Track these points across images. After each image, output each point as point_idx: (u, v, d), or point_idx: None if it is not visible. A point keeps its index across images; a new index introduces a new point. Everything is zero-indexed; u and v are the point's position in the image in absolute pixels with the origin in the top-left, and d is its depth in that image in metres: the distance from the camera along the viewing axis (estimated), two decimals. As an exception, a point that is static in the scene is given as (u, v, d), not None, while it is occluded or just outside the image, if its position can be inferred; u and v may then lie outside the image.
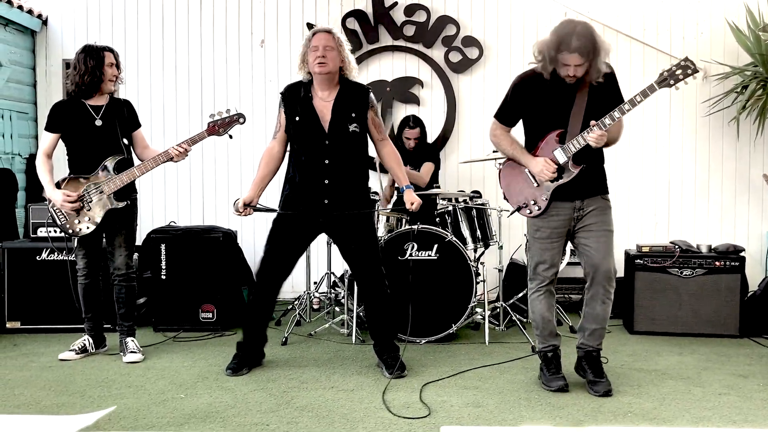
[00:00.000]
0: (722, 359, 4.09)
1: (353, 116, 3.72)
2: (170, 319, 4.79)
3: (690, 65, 3.22)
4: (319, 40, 3.66)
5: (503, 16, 5.93)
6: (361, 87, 3.82)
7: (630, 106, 3.21)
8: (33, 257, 4.78)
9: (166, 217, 5.89)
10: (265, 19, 6.01)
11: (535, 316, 3.53)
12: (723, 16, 5.67)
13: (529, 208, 3.44)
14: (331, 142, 3.70)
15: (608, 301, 3.42)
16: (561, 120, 3.35)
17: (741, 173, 5.81)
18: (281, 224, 3.80)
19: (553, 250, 3.44)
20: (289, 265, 3.83)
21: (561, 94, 3.33)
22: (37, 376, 3.79)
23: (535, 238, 3.48)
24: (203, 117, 5.96)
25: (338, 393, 3.46)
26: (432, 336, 4.38)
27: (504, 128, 3.51)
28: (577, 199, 3.38)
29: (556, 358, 3.53)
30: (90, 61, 3.98)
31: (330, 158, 3.70)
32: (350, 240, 3.80)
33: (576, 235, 3.44)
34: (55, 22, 6.05)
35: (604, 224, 3.40)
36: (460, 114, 5.94)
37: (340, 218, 3.74)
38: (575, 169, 3.33)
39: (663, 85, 3.23)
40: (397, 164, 3.89)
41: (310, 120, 3.71)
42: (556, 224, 3.41)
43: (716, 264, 4.60)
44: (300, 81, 3.80)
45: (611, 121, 3.24)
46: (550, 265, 3.46)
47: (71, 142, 4.06)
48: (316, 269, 5.50)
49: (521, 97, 3.43)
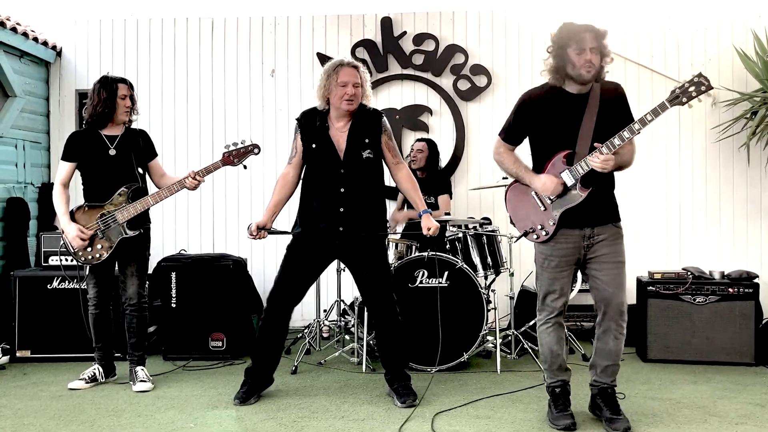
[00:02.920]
0: (738, 387, 4.03)
1: (366, 142, 3.72)
2: (180, 347, 4.78)
3: (703, 81, 3.06)
4: (348, 76, 3.63)
5: (511, 45, 5.97)
6: (374, 113, 3.81)
7: (640, 125, 3.05)
8: (44, 286, 4.80)
9: (176, 245, 5.91)
10: (275, 49, 6.09)
11: (544, 349, 3.38)
12: (730, 42, 5.70)
13: (536, 233, 3.31)
14: (346, 171, 3.70)
15: (621, 336, 3.27)
16: (569, 140, 3.22)
17: (752, 199, 5.79)
18: (296, 249, 3.79)
19: (562, 279, 3.29)
20: (301, 290, 3.82)
21: (569, 112, 3.21)
22: (47, 405, 3.77)
23: (543, 268, 3.33)
24: (214, 146, 6.02)
25: (349, 423, 3.42)
26: (443, 364, 4.35)
27: (508, 147, 3.40)
28: (586, 227, 3.24)
29: (564, 394, 3.37)
30: (103, 93, 4.03)
31: (345, 186, 3.70)
32: (363, 265, 3.79)
33: (587, 265, 3.30)
34: (69, 53, 6.14)
35: (616, 255, 3.25)
36: (469, 141, 5.96)
37: (354, 243, 3.73)
38: (584, 193, 3.19)
39: (675, 102, 3.07)
40: (413, 188, 3.85)
41: (325, 148, 3.71)
42: (565, 252, 3.27)
43: (730, 290, 4.56)
44: (315, 108, 3.81)
45: (620, 142, 3.08)
46: (559, 295, 3.31)
47: (86, 171, 4.11)
48: (326, 297, 5.48)
49: (527, 115, 3.30)
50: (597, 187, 3.23)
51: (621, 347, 3.30)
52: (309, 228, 3.76)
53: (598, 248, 3.25)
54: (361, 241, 3.73)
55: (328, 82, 3.67)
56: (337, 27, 6.05)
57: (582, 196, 3.21)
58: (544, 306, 3.36)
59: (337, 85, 3.64)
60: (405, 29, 5.97)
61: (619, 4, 5.87)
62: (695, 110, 5.76)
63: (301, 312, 5.85)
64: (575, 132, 3.21)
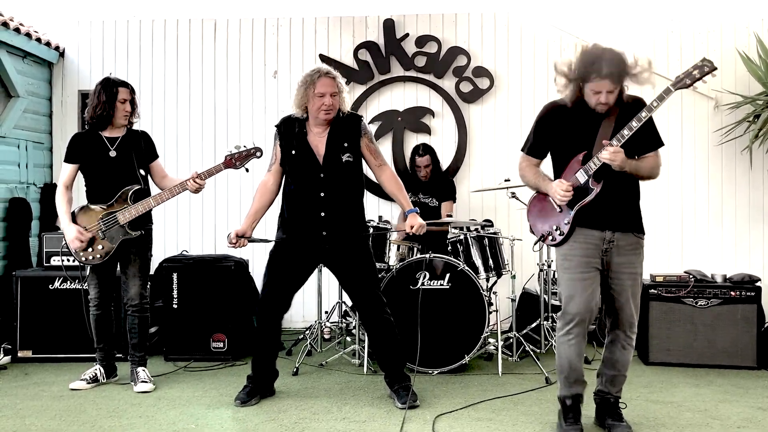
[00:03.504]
0: (740, 391, 4.02)
1: (345, 146, 3.73)
2: (181, 348, 4.78)
3: (707, 64, 3.00)
4: (326, 87, 3.63)
5: (514, 47, 5.97)
6: (352, 117, 3.82)
7: (646, 112, 3.01)
8: (46, 286, 4.80)
9: (178, 246, 5.92)
10: (278, 51, 6.09)
11: (561, 360, 3.19)
12: (733, 45, 5.70)
13: (552, 235, 3.22)
14: (326, 175, 3.71)
15: (629, 347, 3.22)
16: (587, 145, 3.16)
17: (755, 202, 5.78)
18: (279, 255, 3.79)
19: (584, 281, 3.10)
20: (288, 296, 3.81)
21: (587, 121, 3.15)
22: (48, 405, 3.77)
23: (564, 269, 3.18)
24: (216, 147, 6.02)
25: (350, 424, 3.42)
26: (444, 366, 4.34)
27: (531, 161, 3.33)
28: (607, 229, 3.13)
29: (575, 408, 3.23)
30: (103, 95, 4.03)
31: (325, 191, 3.71)
32: (349, 268, 3.78)
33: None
34: (71, 54, 6.15)
35: (633, 266, 3.16)
36: (471, 143, 5.96)
37: (338, 246, 3.73)
38: (596, 186, 3.09)
39: (679, 86, 3.02)
40: (398, 189, 3.84)
41: (305, 154, 3.72)
42: (584, 252, 3.12)
43: (732, 294, 4.55)
44: (292, 115, 3.79)
45: (629, 132, 3.01)
46: (581, 300, 3.08)
47: (88, 172, 4.12)
48: (327, 299, 5.48)
49: (547, 128, 3.26)
50: (618, 190, 3.14)
51: (629, 358, 3.25)
52: (291, 234, 3.75)
53: (616, 255, 3.15)
54: (345, 243, 3.73)
55: (306, 92, 3.66)
56: (339, 29, 6.05)
57: (594, 190, 3.10)
58: (565, 313, 3.17)
59: (314, 96, 3.64)
60: (407, 31, 5.97)
61: (621, 7, 5.86)
62: (698, 113, 5.79)
63: (303, 313, 5.86)
64: (593, 137, 3.15)
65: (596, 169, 3.10)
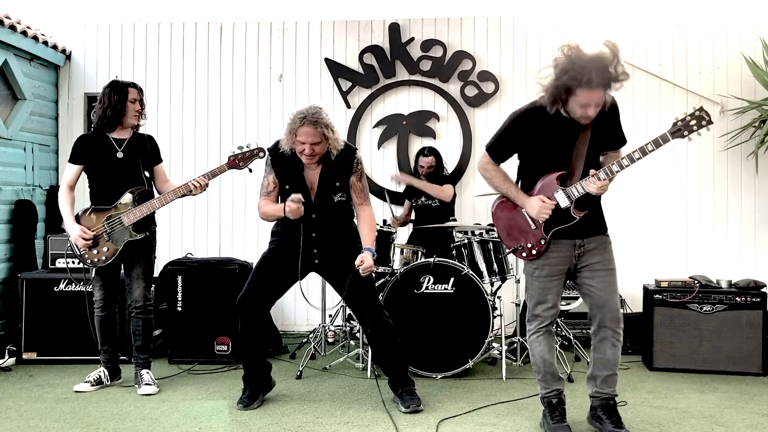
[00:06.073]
0: (745, 398, 4.00)
1: (338, 185, 3.74)
2: (185, 351, 4.79)
3: (705, 116, 3.04)
4: (305, 137, 3.60)
5: (519, 51, 5.97)
6: (347, 153, 3.76)
7: (640, 154, 3.03)
8: (51, 288, 4.82)
9: (182, 249, 5.93)
10: (283, 54, 6.10)
11: (536, 359, 3.30)
12: (739, 50, 5.69)
13: (525, 250, 3.24)
14: (317, 215, 3.72)
15: (618, 343, 3.22)
16: (563, 159, 3.14)
17: (761, 207, 5.76)
18: (268, 257, 3.81)
19: (553, 289, 3.23)
20: (269, 294, 3.78)
21: (564, 131, 3.11)
22: (52, 407, 3.78)
23: (534, 277, 3.26)
24: (222, 150, 6.04)
25: (353, 428, 3.42)
26: (448, 371, 4.34)
27: (495, 163, 3.30)
28: (577, 238, 3.19)
29: (560, 404, 3.30)
30: (114, 96, 4.07)
31: (316, 230, 3.73)
32: (340, 274, 3.76)
33: (578, 274, 3.25)
34: (78, 57, 6.18)
35: (608, 263, 3.22)
36: (476, 147, 5.96)
37: (332, 255, 3.75)
38: (578, 215, 3.14)
39: (676, 135, 3.05)
40: (370, 229, 3.76)
41: (299, 190, 3.70)
42: (556, 262, 3.21)
43: (737, 300, 4.53)
44: (280, 146, 3.76)
45: (619, 169, 3.05)
46: (551, 305, 3.25)
47: (93, 173, 4.13)
48: (331, 302, 5.48)
49: (519, 132, 3.19)
50: (588, 204, 3.18)
51: (619, 355, 3.26)
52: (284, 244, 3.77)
53: (589, 257, 3.21)
54: (338, 252, 3.74)
55: (291, 137, 3.66)
56: (345, 33, 6.06)
57: (576, 218, 3.15)
58: (534, 316, 3.30)
59: (297, 142, 3.64)
60: (413, 35, 5.98)
61: (627, 11, 5.86)
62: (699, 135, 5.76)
63: (307, 317, 5.87)
64: (569, 152, 3.14)
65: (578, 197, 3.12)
